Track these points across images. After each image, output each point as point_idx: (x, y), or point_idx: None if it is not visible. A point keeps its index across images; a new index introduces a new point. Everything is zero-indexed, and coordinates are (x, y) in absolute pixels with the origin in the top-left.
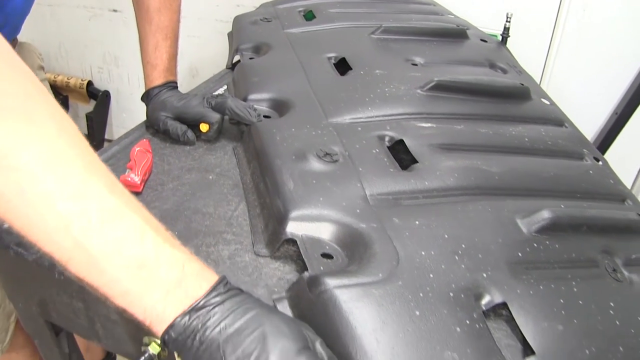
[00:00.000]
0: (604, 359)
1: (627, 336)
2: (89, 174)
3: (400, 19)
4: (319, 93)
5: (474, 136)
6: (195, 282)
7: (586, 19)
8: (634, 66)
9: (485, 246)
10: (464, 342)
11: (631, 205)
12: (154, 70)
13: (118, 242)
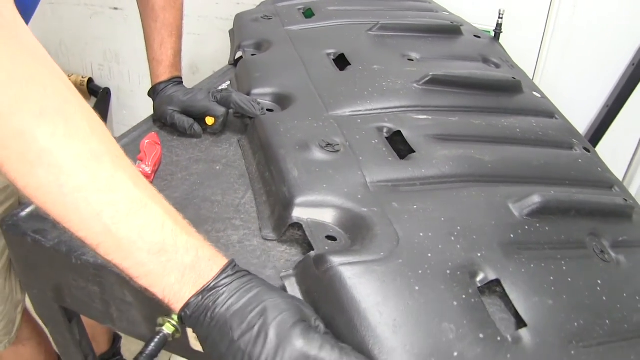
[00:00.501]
0: (592, 331)
1: (614, 311)
2: (116, 169)
3: (396, 16)
4: (320, 87)
5: (468, 127)
6: (207, 265)
7: (577, 14)
8: (623, 60)
9: (480, 228)
10: (460, 315)
11: (618, 191)
12: (160, 66)
13: (142, 229)
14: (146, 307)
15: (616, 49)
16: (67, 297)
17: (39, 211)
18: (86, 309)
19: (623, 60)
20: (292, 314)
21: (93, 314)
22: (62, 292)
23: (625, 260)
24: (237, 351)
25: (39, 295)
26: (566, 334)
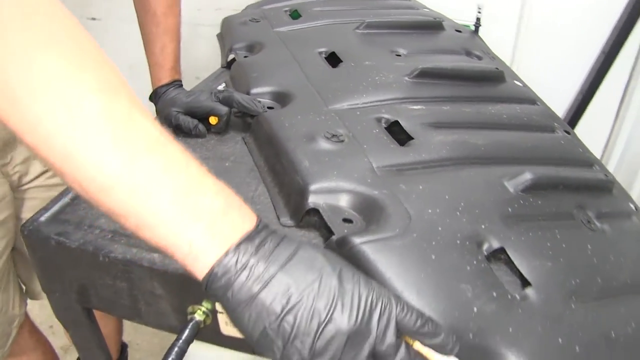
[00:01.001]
0: (587, 288)
1: (603, 270)
2: (132, 104)
3: (380, 14)
4: (316, 84)
5: (459, 115)
6: (239, 214)
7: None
8: (595, 49)
9: (480, 203)
10: (474, 278)
11: (599, 169)
12: (162, 70)
13: (164, 167)
14: (176, 298)
15: (587, 39)
16: (93, 297)
17: (58, 215)
18: (112, 306)
19: (594, 49)
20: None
21: (120, 311)
22: (87, 293)
23: (610, 228)
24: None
25: (61, 298)
26: (566, 291)
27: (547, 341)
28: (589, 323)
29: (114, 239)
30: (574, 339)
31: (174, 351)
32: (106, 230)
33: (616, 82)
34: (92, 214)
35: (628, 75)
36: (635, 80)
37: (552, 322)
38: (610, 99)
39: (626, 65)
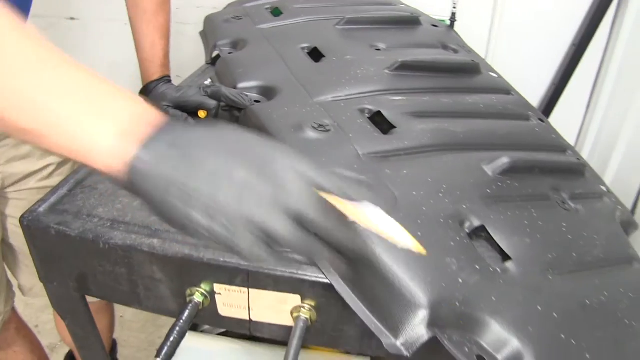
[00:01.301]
0: (563, 262)
1: (578, 247)
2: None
3: (359, 10)
4: (300, 78)
5: (439, 105)
6: (143, 107)
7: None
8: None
9: (461, 186)
10: (458, 252)
11: (571, 154)
12: (152, 66)
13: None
14: (175, 282)
15: (558, 32)
16: (91, 285)
17: (56, 206)
18: (111, 293)
19: (565, 41)
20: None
21: (118, 298)
22: (86, 281)
23: (583, 208)
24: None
25: (59, 288)
26: (543, 264)
27: (527, 308)
28: (565, 292)
29: (113, 226)
30: (552, 306)
31: (175, 330)
32: (105, 219)
33: (587, 73)
34: (90, 204)
35: (598, 66)
36: (605, 70)
37: (532, 291)
38: (582, 89)
39: (596, 56)
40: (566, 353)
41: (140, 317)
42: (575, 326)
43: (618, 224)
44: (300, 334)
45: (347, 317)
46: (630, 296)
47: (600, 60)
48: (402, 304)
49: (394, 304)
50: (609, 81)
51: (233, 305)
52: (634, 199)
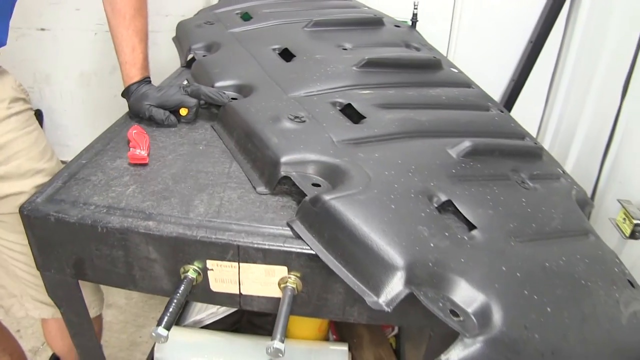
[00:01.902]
0: (523, 231)
1: (537, 218)
2: None
3: (325, 13)
4: (274, 76)
5: (404, 97)
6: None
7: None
8: (523, 39)
9: (428, 166)
10: (428, 221)
11: (529, 140)
12: (133, 68)
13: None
14: (169, 260)
15: (516, 29)
16: (88, 269)
17: (54, 196)
18: (108, 276)
19: (522, 39)
20: None
21: (115, 281)
22: (83, 265)
23: (541, 187)
24: None
25: (56, 275)
26: (506, 232)
27: (493, 269)
28: (527, 256)
29: (109, 212)
30: (515, 267)
31: (173, 302)
32: (101, 206)
33: (545, 69)
34: (85, 194)
35: (555, 62)
36: (561, 65)
37: (496, 255)
38: (541, 84)
39: (552, 52)
40: (529, 306)
41: (120, 319)
42: (536, 284)
43: (574, 201)
44: (289, 301)
45: (330, 285)
46: (586, 262)
47: (556, 56)
48: (381, 266)
49: (374, 267)
50: (565, 75)
51: (224, 280)
52: (593, 184)
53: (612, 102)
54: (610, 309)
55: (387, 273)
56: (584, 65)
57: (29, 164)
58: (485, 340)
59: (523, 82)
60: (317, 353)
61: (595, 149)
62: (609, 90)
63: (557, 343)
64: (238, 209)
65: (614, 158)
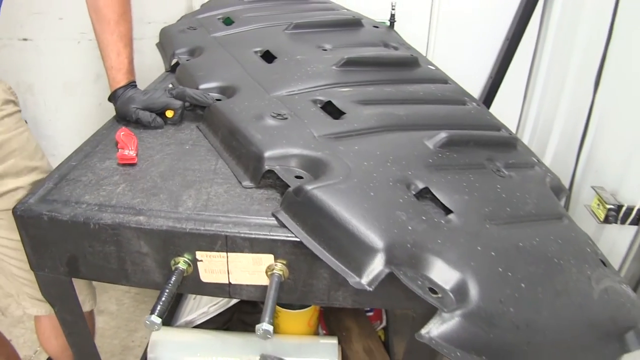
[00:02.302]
0: (498, 214)
1: (511, 204)
2: None
3: (305, 16)
4: (257, 77)
5: (382, 94)
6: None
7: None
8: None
9: (406, 157)
10: (406, 207)
11: (505, 131)
12: (119, 73)
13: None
14: (160, 253)
15: (492, 27)
16: (82, 267)
17: (46, 197)
18: (101, 273)
19: (499, 36)
20: None
21: (108, 276)
22: (76, 263)
23: (516, 175)
24: None
25: (49, 275)
26: (481, 215)
27: (468, 249)
28: (501, 237)
29: (101, 209)
30: (490, 247)
31: (165, 292)
32: (92, 204)
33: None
34: (77, 193)
35: (531, 58)
36: (538, 61)
37: (472, 236)
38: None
39: (529, 49)
40: (504, 282)
41: (111, 324)
42: (511, 262)
43: (548, 187)
44: (276, 287)
45: (315, 271)
46: (559, 242)
47: (532, 52)
48: (362, 249)
49: (355, 250)
50: (541, 71)
51: (214, 270)
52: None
53: (586, 96)
54: (582, 285)
55: (368, 255)
56: (559, 61)
57: (24, 162)
58: (462, 314)
59: (501, 78)
60: (307, 347)
61: (572, 141)
62: (582, 84)
63: (531, 316)
64: (225, 202)
65: (589, 149)
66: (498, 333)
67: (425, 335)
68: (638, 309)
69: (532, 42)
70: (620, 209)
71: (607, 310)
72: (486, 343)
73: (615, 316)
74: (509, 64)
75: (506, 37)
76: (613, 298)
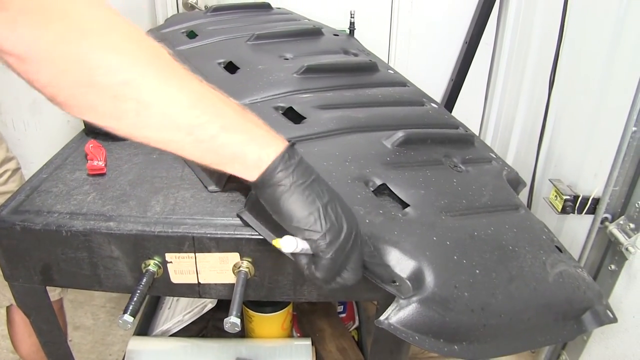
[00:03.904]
0: (454, 206)
1: (467, 196)
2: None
3: (267, 27)
4: (220, 87)
5: (342, 98)
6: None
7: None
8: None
9: (364, 156)
10: (364, 202)
11: (462, 129)
12: None
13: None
14: (131, 257)
15: (451, 31)
16: (55, 274)
17: (18, 208)
18: (74, 279)
19: (458, 40)
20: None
21: (81, 282)
22: (50, 271)
23: (472, 169)
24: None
25: (24, 285)
26: (436, 207)
27: (424, 239)
28: (456, 227)
29: (72, 217)
30: (445, 237)
31: (137, 293)
32: (64, 213)
33: (482, 67)
34: (48, 203)
35: (490, 60)
36: (496, 63)
37: (427, 227)
38: (479, 83)
39: (488, 51)
40: (459, 269)
41: (88, 339)
42: (465, 250)
43: (504, 180)
44: (243, 283)
45: (280, 267)
46: (514, 231)
47: (491, 54)
48: None
49: None
50: (500, 73)
51: (183, 271)
52: (532, 170)
53: (542, 95)
54: (537, 270)
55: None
56: (516, 62)
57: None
58: (419, 300)
59: (461, 81)
60: (281, 349)
61: (532, 137)
62: (539, 84)
63: (486, 300)
64: (192, 205)
65: (548, 144)
66: (453, 316)
67: (384, 322)
68: (594, 291)
69: (491, 44)
70: (576, 199)
71: (563, 292)
72: (442, 326)
73: (572, 298)
74: (468, 67)
75: (464, 40)
76: (568, 281)
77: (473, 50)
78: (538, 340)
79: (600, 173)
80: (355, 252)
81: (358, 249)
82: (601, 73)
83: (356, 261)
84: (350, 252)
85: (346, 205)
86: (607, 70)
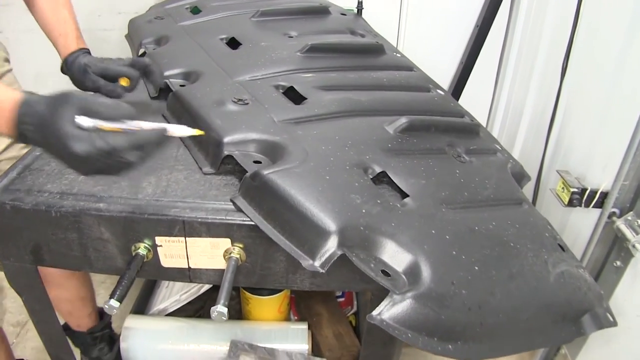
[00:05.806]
0: (455, 198)
1: (469, 188)
2: None
3: (271, 3)
4: (220, 63)
5: (345, 80)
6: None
7: None
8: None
9: (365, 141)
10: (361, 190)
11: (467, 118)
12: (67, 39)
13: None
14: (121, 239)
15: (463, 14)
16: (45, 254)
17: (9, 186)
18: (64, 260)
19: (470, 22)
20: None
21: (71, 264)
22: (41, 251)
23: (476, 160)
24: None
25: (15, 263)
26: (437, 199)
27: (422, 231)
28: (456, 221)
29: (62, 197)
30: (444, 230)
31: (125, 277)
32: (54, 193)
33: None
34: (39, 182)
35: (502, 44)
36: (508, 47)
37: (426, 219)
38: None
39: (500, 35)
40: (457, 265)
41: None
42: (465, 245)
43: (509, 173)
44: (232, 270)
45: (272, 255)
46: (516, 227)
47: (503, 38)
48: (315, 231)
49: (308, 233)
50: (512, 58)
51: (173, 255)
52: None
53: (554, 82)
54: (538, 269)
55: (321, 237)
56: (528, 47)
57: None
58: (414, 295)
59: (471, 65)
60: (277, 332)
61: (541, 126)
62: (550, 70)
63: (484, 298)
64: (184, 188)
65: (557, 134)
66: (449, 314)
67: (376, 317)
68: (594, 293)
69: (503, 29)
70: (584, 192)
71: (563, 293)
72: (437, 324)
73: (572, 299)
74: (479, 51)
75: (476, 23)
76: (569, 282)
77: (484, 33)
78: (535, 342)
79: (610, 165)
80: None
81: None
82: (616, 59)
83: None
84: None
85: None
86: (622, 57)
